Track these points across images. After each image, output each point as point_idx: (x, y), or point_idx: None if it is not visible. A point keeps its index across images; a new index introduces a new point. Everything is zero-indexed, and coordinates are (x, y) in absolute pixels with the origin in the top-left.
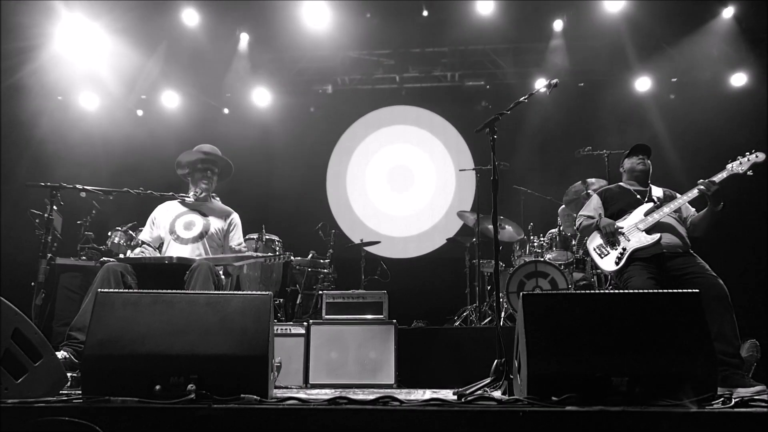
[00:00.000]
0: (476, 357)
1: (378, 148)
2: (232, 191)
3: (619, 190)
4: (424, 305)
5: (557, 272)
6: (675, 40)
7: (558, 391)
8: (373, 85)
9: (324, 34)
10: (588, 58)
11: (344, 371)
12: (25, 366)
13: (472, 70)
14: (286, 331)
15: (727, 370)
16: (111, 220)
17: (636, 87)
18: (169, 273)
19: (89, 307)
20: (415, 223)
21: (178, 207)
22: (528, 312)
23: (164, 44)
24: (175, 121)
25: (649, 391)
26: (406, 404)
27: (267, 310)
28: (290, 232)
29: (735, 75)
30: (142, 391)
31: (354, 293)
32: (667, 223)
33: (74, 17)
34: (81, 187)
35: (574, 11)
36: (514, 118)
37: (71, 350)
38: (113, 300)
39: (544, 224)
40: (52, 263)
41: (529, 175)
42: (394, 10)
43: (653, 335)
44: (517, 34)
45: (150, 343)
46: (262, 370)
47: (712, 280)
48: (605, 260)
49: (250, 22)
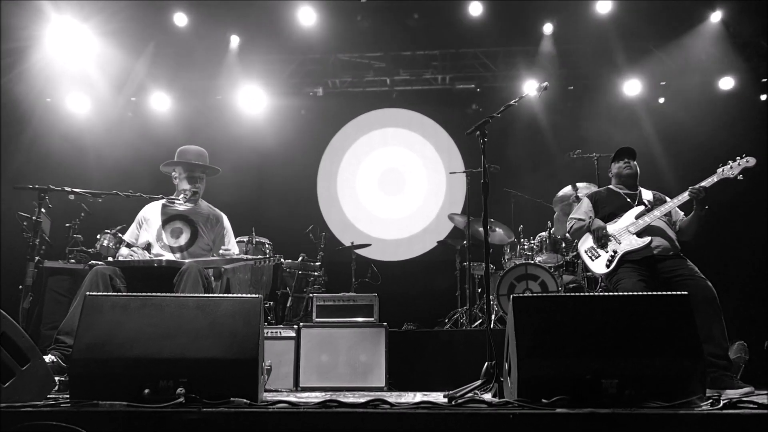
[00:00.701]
0: (467, 359)
1: (369, 150)
2: (222, 193)
3: (608, 193)
4: (415, 308)
5: (547, 275)
6: (664, 44)
7: (548, 394)
8: (364, 87)
9: (315, 37)
10: (577, 62)
11: (335, 374)
12: (13, 370)
13: (462, 73)
14: (277, 334)
15: (715, 371)
16: (100, 222)
17: (625, 90)
18: (159, 276)
19: (77, 311)
20: (406, 226)
21: (166, 210)
22: (518, 314)
23: (152, 45)
24: (164, 123)
25: (638, 393)
26: (396, 407)
27: (257, 313)
28: (281, 234)
29: (723, 79)
30: (131, 395)
31: (344, 296)
32: (657, 227)
33: (63, 19)
34: (70, 189)
35: (563, 14)
36: (504, 120)
37: (59, 354)
38: (102, 303)
39: (534, 227)
40: (40, 266)
41: (520, 178)
42: (384, 12)
43: (643, 337)
44: (507, 37)
45: (139, 347)
46: (252, 373)
47: (701, 283)
48: (596, 263)
49: (240, 24)
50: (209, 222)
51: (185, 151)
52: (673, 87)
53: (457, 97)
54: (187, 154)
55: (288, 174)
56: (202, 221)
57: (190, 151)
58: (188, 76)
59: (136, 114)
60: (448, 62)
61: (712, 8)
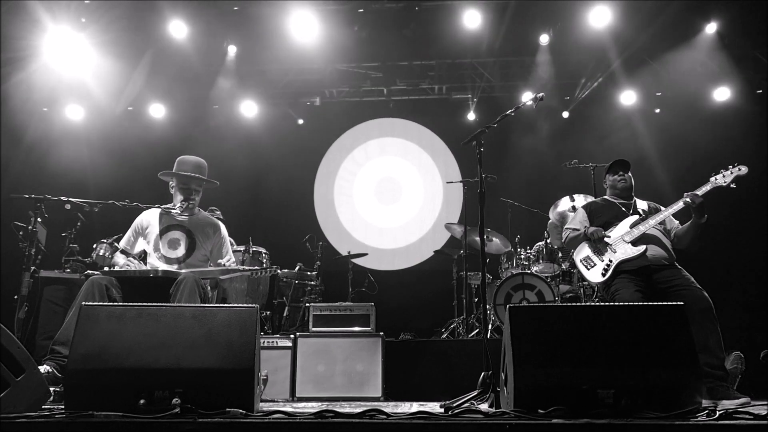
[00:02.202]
0: (463, 369)
1: (366, 160)
2: (219, 203)
3: (604, 203)
4: (412, 317)
5: (544, 284)
6: (659, 55)
7: (544, 404)
8: (360, 97)
9: (312, 47)
10: (573, 72)
11: (331, 384)
12: (7, 380)
13: (459, 83)
14: (273, 343)
15: (712, 382)
16: (96, 232)
17: (621, 101)
18: (155, 286)
19: (73, 321)
20: (403, 236)
21: (164, 219)
22: (515, 324)
23: (149, 55)
24: (161, 132)
25: (635, 403)
26: (392, 417)
27: (253, 322)
28: (277, 244)
29: (718, 89)
30: (127, 406)
31: (341, 305)
32: (653, 235)
33: (60, 29)
34: (66, 199)
35: (560, 25)
36: (501, 131)
37: (54, 364)
38: (97, 313)
39: (531, 237)
40: (36, 276)
41: (516, 188)
42: (381, 23)
43: (639, 348)
44: (503, 48)
45: (135, 357)
46: (248, 383)
47: (697, 293)
48: (592, 272)
49: (238, 34)
50: (207, 233)
51: (183, 161)
52: (668, 97)
53: (453, 106)
54: (185, 166)
55: (285, 183)
56: (199, 232)
57: (188, 162)
58: (185, 85)
59: (132, 123)
60: (444, 72)
61: (707, 20)
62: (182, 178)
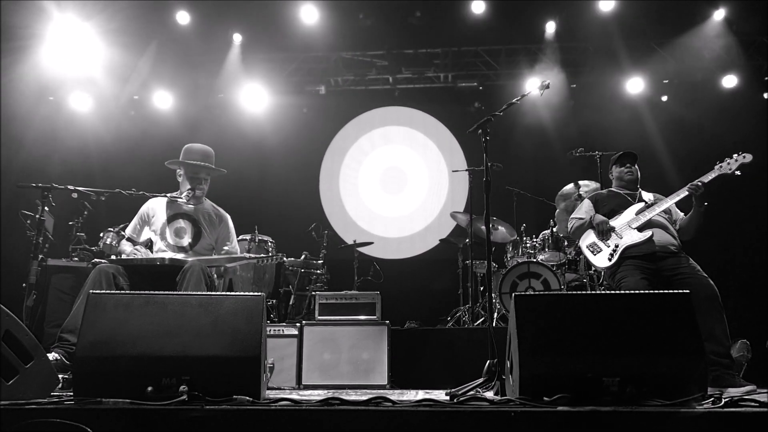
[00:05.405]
0: (469, 357)
1: (371, 148)
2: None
3: (609, 194)
4: (417, 306)
5: (550, 273)
6: (667, 42)
7: (550, 392)
8: (366, 85)
9: (317, 35)
10: (580, 59)
11: (337, 372)
12: (16, 368)
13: (464, 71)
14: (279, 332)
15: (717, 370)
16: (103, 221)
17: (628, 88)
18: (161, 274)
19: (81, 309)
20: (408, 224)
21: (171, 207)
22: (520, 313)
23: (155, 44)
24: (167, 121)
25: (640, 391)
26: (398, 405)
27: (259, 311)
28: (283, 232)
29: (726, 77)
30: (134, 393)
31: (347, 294)
32: (659, 221)
33: (66, 18)
34: (73, 187)
35: (566, 12)
36: (506, 119)
37: (62, 352)
38: (105, 301)
39: (536, 225)
40: (44, 264)
41: (522, 176)
42: (387, 11)
43: (644, 336)
44: (509, 35)
45: (142, 345)
46: (254, 371)
47: (703, 281)
48: (598, 257)
49: (243, 22)
50: (213, 222)
51: (191, 150)
52: (676, 85)
53: (459, 95)
54: (193, 154)
55: (290, 172)
56: (205, 221)
57: (196, 151)
58: (190, 74)
59: (138, 112)
60: (450, 60)
61: (714, 6)
62: (191, 167)
